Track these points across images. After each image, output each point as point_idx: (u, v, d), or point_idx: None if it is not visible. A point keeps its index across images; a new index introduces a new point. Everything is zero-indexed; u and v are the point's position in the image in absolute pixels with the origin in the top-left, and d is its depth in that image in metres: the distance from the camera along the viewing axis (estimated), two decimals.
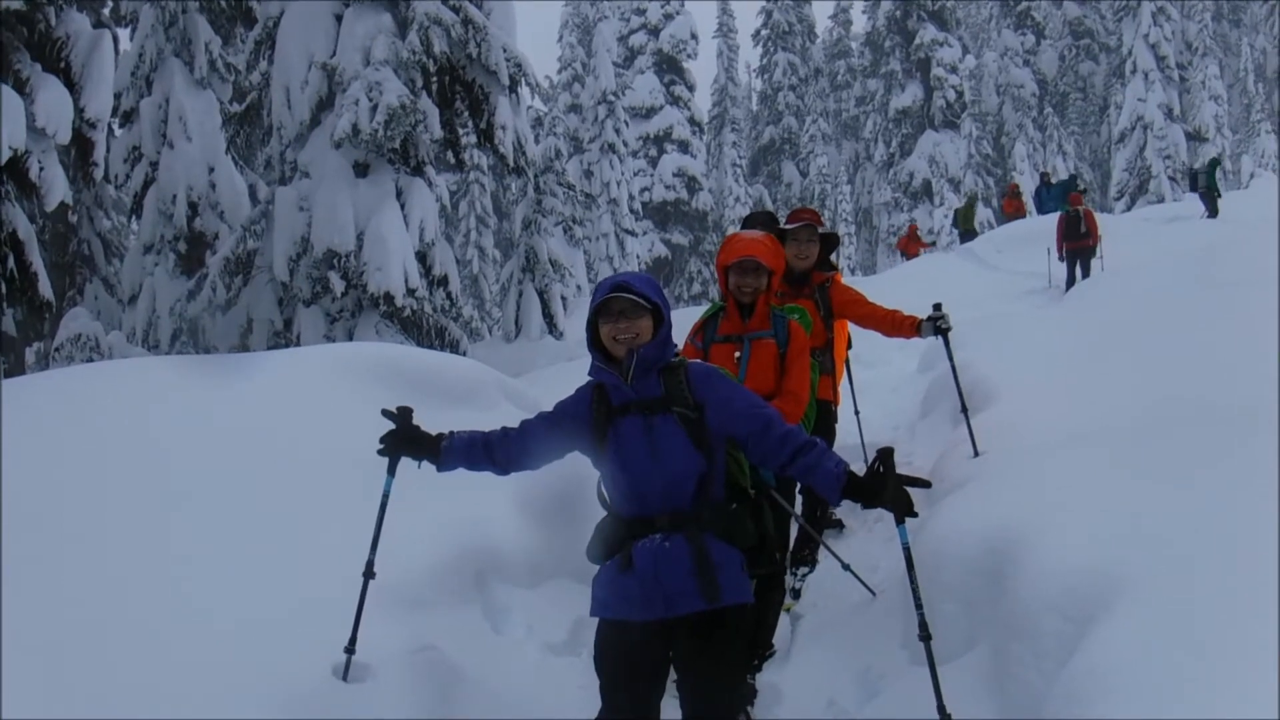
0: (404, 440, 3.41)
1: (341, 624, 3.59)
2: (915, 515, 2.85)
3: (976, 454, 5.30)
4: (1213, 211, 21.63)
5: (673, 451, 3.03)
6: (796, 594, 5.42)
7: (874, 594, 4.89)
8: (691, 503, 3.04)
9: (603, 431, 3.11)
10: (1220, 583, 2.51)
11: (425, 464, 3.45)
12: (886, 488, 2.81)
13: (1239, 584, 2.46)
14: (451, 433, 3.41)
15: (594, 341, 3.17)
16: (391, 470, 3.52)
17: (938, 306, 5.54)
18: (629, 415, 3.08)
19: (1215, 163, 22.93)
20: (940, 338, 5.55)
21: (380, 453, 3.44)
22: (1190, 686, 2.20)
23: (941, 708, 2.83)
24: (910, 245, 27.11)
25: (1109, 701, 2.34)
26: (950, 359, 5.86)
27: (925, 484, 2.96)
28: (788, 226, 5.61)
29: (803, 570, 5.59)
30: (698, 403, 3.05)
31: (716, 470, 3.09)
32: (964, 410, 5.70)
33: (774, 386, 4.37)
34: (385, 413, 3.45)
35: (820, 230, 5.64)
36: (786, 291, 5.49)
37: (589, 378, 3.22)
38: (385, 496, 3.62)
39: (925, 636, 2.95)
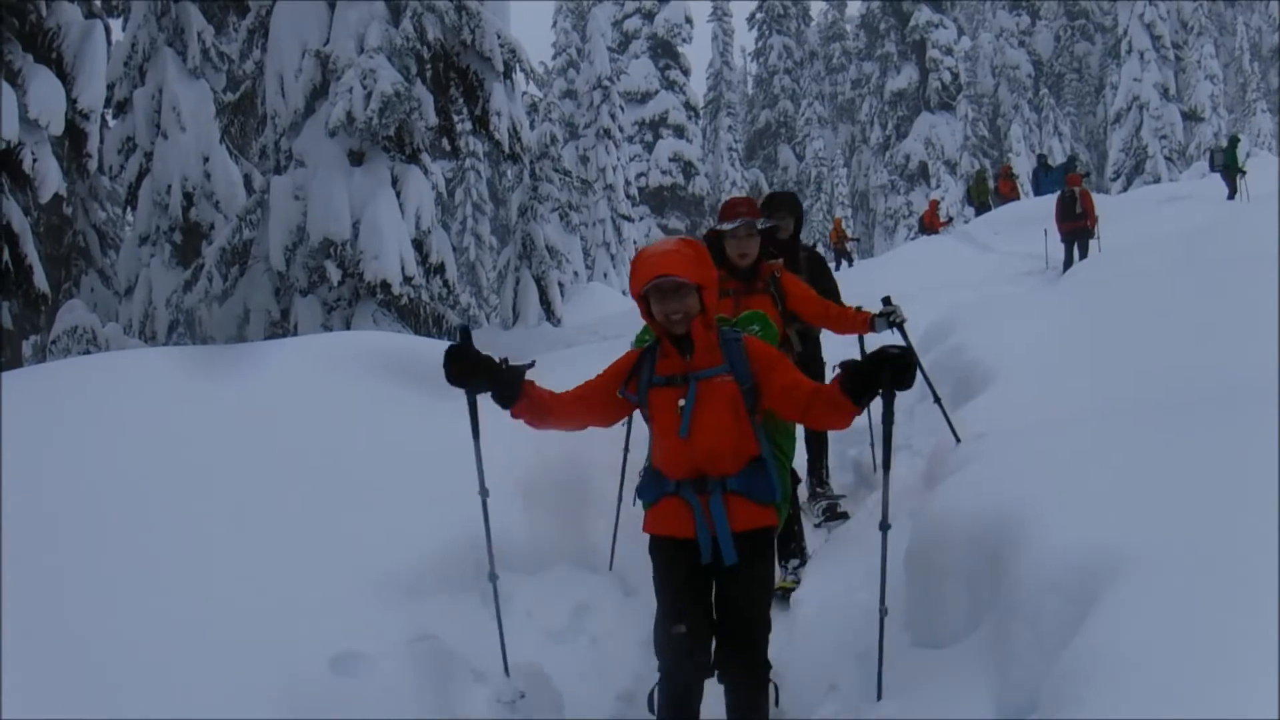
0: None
1: (341, 614, 3.59)
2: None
3: (958, 441, 5.24)
4: (1233, 191, 21.34)
5: None
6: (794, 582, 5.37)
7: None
8: None
9: None
10: (1223, 561, 2.50)
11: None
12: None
13: (1242, 561, 2.46)
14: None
15: None
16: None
17: (887, 300, 5.45)
18: None
19: (1235, 140, 22.73)
20: (896, 330, 5.45)
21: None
22: (1192, 666, 2.20)
23: None
24: (934, 221, 27.19)
25: (1110, 681, 2.33)
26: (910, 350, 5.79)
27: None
28: (723, 226, 5.15)
29: (793, 563, 5.49)
30: None
31: None
32: (937, 400, 5.66)
33: (733, 440, 3.46)
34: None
35: (759, 224, 5.19)
36: (739, 288, 5.15)
37: None
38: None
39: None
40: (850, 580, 5.02)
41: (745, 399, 3.44)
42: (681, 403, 3.43)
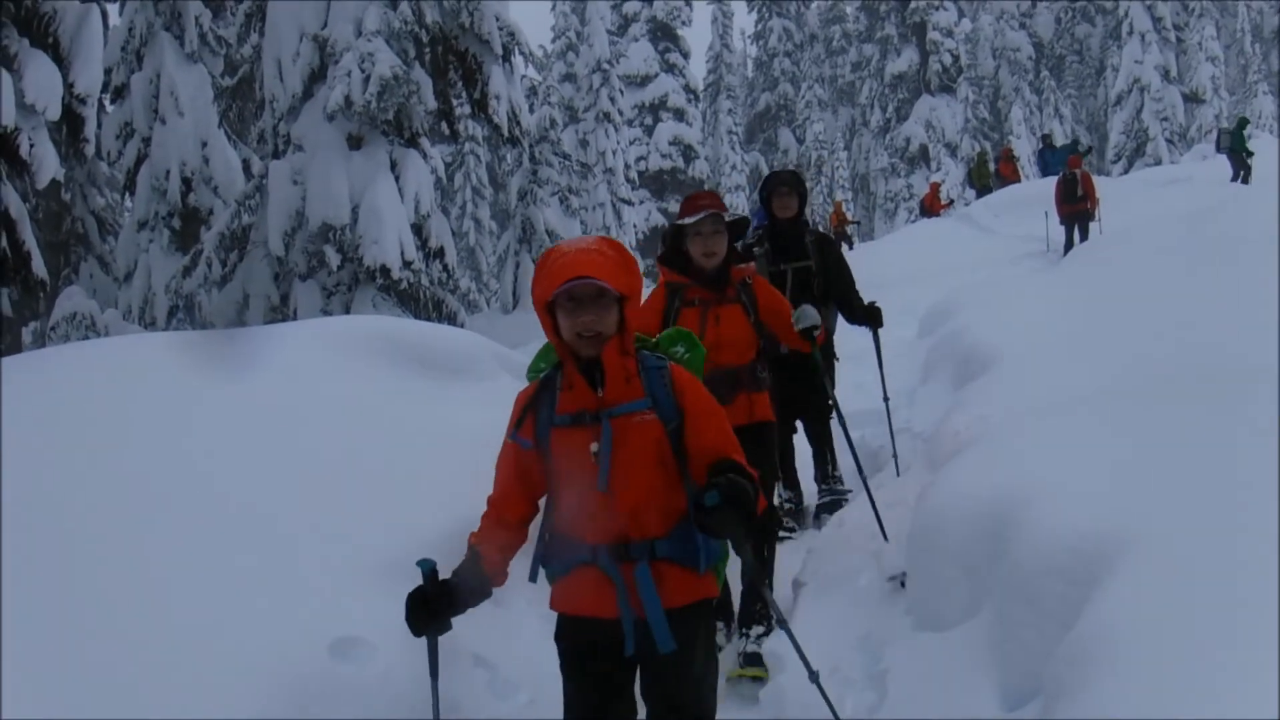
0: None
1: (341, 599, 3.58)
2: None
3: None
4: (1238, 173, 21.05)
5: None
6: (752, 659, 4.51)
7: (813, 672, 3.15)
8: None
9: None
10: (1224, 542, 2.50)
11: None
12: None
13: (1243, 543, 2.45)
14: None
15: None
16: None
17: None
18: None
19: (1244, 122, 22.52)
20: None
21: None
22: (1195, 648, 2.19)
23: None
24: (935, 203, 27.15)
25: (1112, 665, 2.33)
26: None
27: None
28: (684, 221, 4.54)
29: (757, 630, 4.62)
30: None
31: None
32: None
33: (660, 494, 2.78)
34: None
35: (726, 217, 4.54)
36: (708, 298, 4.58)
37: None
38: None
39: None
40: (851, 561, 5.02)
41: (671, 440, 2.74)
42: (594, 447, 2.69)
